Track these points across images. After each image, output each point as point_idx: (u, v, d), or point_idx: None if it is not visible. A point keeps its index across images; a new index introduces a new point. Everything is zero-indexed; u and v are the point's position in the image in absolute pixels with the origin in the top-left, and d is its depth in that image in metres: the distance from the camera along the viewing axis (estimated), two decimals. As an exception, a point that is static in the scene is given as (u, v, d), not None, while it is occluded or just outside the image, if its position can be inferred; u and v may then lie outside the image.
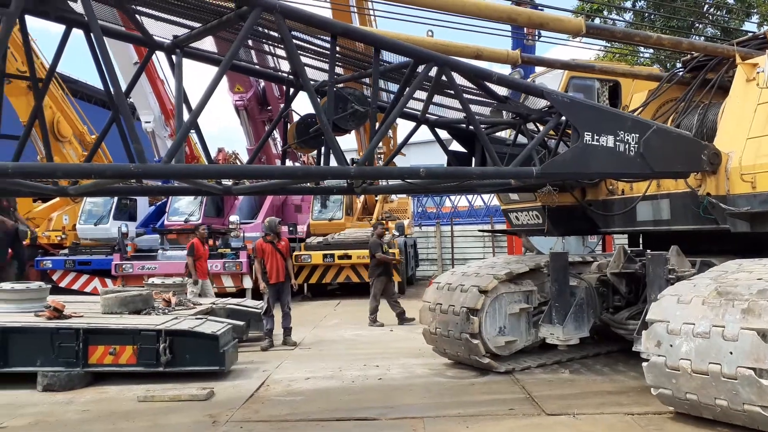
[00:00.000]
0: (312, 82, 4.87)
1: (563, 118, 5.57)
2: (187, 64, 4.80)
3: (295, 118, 5.46)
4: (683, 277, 5.64)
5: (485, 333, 6.74)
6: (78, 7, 4.41)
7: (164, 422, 5.73)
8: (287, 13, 4.30)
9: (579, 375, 6.93)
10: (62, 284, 15.28)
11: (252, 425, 5.58)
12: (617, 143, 5.59)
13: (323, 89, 5.00)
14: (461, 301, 6.76)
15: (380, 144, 17.98)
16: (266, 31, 4.84)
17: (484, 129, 6.46)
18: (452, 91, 6.19)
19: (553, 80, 7.18)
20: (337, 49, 5.12)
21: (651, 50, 12.01)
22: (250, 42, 5.25)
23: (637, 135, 5.68)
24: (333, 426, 5.54)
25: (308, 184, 5.62)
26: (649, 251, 6.21)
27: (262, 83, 18.36)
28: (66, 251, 15.89)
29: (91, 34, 3.65)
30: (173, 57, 4.85)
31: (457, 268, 7.72)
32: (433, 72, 5.09)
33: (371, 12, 14.16)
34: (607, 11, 17.68)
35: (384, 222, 14.10)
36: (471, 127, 6.40)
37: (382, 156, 18.22)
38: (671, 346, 4.81)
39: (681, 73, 7.03)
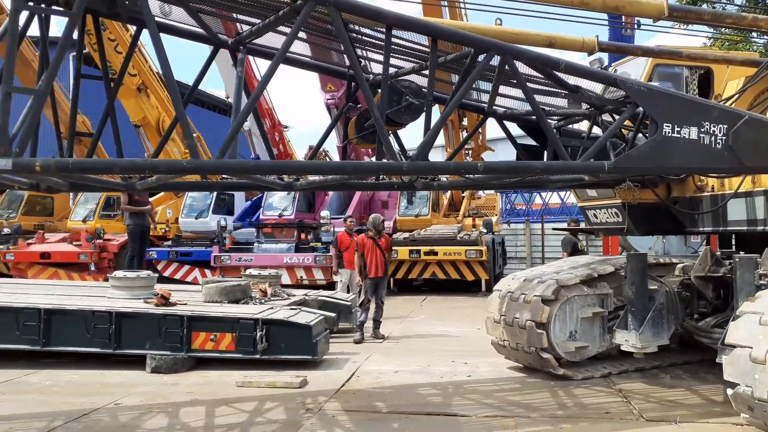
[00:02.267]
0: (372, 76, 4.87)
1: (639, 108, 5.20)
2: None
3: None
4: (777, 283, 5.07)
5: (554, 339, 6.42)
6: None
7: (261, 408, 5.97)
8: (341, 5, 4.32)
9: (680, 380, 6.57)
10: (166, 274, 16.35)
11: (343, 415, 5.73)
12: (701, 135, 5.12)
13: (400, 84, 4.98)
14: (525, 313, 6.45)
15: (470, 141, 17.87)
16: (325, 25, 4.88)
17: (558, 121, 6.21)
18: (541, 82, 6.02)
19: (637, 69, 6.71)
20: (400, 40, 5.10)
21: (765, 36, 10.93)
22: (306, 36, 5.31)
23: (726, 126, 5.18)
24: (422, 420, 5.58)
25: (370, 179, 5.62)
26: (738, 254, 5.65)
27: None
28: (169, 243, 17.02)
29: (149, 32, 3.83)
30: (238, 54, 5.03)
31: (519, 272, 7.35)
32: (496, 61, 4.93)
33: (462, 5, 13.95)
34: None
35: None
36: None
37: (471, 153, 17.95)
38: (756, 378, 4.31)
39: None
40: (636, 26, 11.61)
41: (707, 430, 5.10)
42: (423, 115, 4.74)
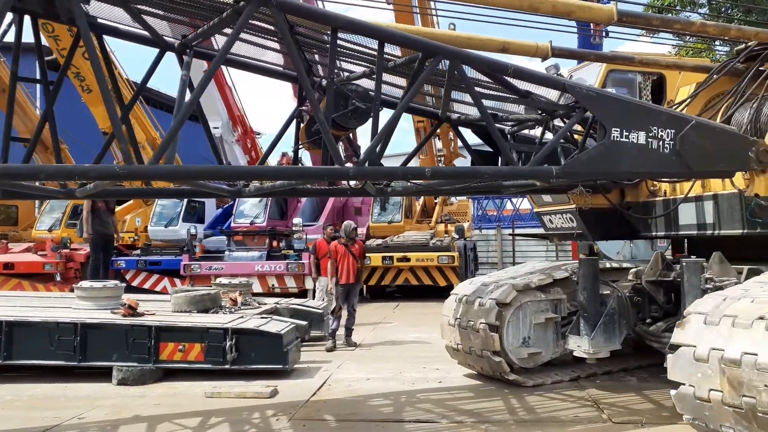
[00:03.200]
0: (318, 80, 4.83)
1: (589, 113, 5.23)
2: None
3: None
4: (721, 287, 5.11)
5: (507, 345, 6.39)
6: (92, 10, 4.62)
7: (231, 419, 5.89)
8: (284, 7, 4.26)
9: (644, 383, 6.60)
10: (134, 283, 16.10)
11: (314, 423, 5.69)
12: (649, 140, 5.16)
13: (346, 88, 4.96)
14: (480, 317, 6.41)
15: (441, 147, 17.91)
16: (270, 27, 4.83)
17: (512, 127, 6.23)
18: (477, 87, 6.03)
19: (592, 75, 6.77)
20: (348, 44, 5.07)
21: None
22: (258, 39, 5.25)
23: (673, 131, 5.23)
24: (394, 427, 5.56)
25: (322, 184, 5.56)
26: (684, 258, 5.70)
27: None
28: (138, 252, 16.77)
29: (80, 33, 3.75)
30: (184, 57, 4.96)
31: (478, 277, 7.36)
32: (446, 66, 4.93)
33: (434, 12, 14.03)
34: (680, 5, 16.51)
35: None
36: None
37: (443, 159, 17.99)
38: (699, 376, 4.32)
39: (733, 64, 6.40)
40: (604, 35, 11.80)
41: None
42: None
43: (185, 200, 16.99)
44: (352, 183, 5.18)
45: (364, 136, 5.73)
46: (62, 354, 7.29)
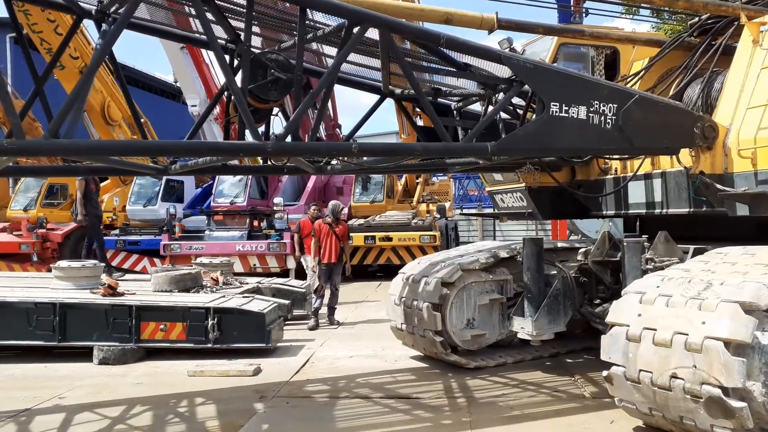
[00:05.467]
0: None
1: (526, 87, 5.01)
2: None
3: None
4: (662, 267, 4.93)
5: (450, 326, 6.25)
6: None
7: (214, 396, 5.87)
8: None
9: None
10: (113, 263, 15.96)
11: (298, 401, 5.70)
12: (590, 115, 4.92)
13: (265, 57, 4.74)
14: (424, 296, 6.27)
15: (424, 125, 17.71)
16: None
17: (457, 102, 6.03)
18: (425, 60, 5.82)
19: (546, 49, 6.53)
20: (270, 10, 4.86)
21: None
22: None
23: (616, 105, 4.99)
24: (377, 403, 5.57)
25: (257, 162, 5.39)
26: (625, 237, 5.52)
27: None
28: (117, 232, 16.65)
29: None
30: (103, 25, 4.75)
31: (424, 257, 7.21)
32: (375, 35, 4.71)
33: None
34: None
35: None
36: (439, 99, 6.03)
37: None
38: (630, 356, 4.17)
39: (684, 37, 6.15)
40: (585, 14, 11.53)
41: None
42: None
43: (164, 179, 16.82)
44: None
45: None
46: (41, 334, 7.29)
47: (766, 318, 3.74)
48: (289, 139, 4.41)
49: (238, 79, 4.42)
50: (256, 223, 16.29)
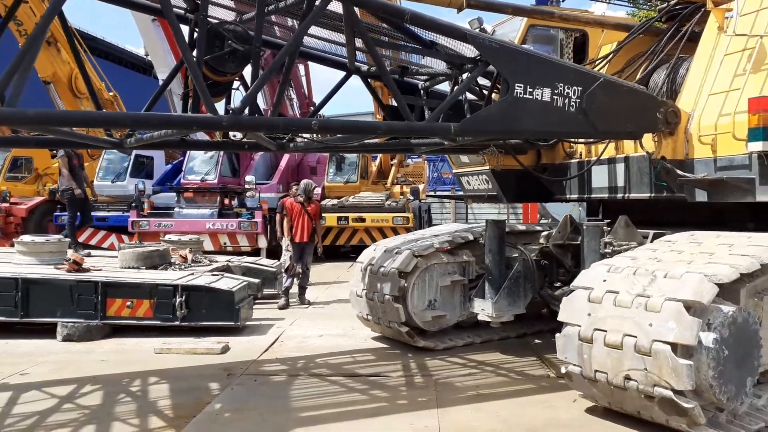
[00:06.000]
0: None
1: (491, 67, 4.95)
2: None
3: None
4: (620, 251, 4.96)
5: (411, 308, 6.24)
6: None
7: (180, 374, 5.81)
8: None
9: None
10: (80, 239, 15.65)
11: (266, 378, 5.67)
12: (555, 97, 4.89)
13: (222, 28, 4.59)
14: (384, 287, 6.24)
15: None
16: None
17: (425, 81, 5.95)
18: (391, 36, 5.72)
19: (517, 30, 6.46)
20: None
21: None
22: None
23: (580, 88, 4.97)
24: (346, 382, 5.56)
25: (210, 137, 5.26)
26: (586, 221, 5.54)
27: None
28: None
29: None
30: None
31: (381, 242, 7.17)
32: (340, 9, 4.60)
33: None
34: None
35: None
36: (407, 78, 5.94)
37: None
38: (585, 357, 4.20)
39: (652, 22, 6.13)
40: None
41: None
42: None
43: (133, 155, 16.51)
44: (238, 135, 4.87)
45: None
46: (3, 310, 7.16)
47: (708, 312, 3.77)
48: (247, 113, 4.30)
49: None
50: (226, 201, 16.15)
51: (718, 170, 4.93)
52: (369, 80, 5.91)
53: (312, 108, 20.45)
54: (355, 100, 53.11)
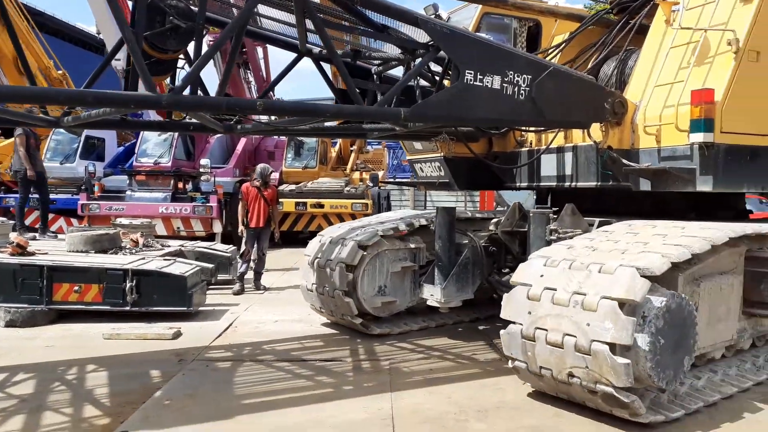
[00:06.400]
0: None
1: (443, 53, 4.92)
2: None
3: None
4: (565, 238, 5.03)
5: (361, 293, 6.23)
6: None
7: (130, 360, 5.68)
8: None
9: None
10: (26, 222, 15.10)
11: (218, 364, 5.58)
12: (505, 85, 4.89)
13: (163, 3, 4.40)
14: (333, 281, 6.21)
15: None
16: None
17: (378, 66, 5.88)
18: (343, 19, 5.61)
19: (470, 17, 6.45)
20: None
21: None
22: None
23: (530, 77, 4.98)
24: (299, 367, 5.51)
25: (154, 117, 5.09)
26: (533, 209, 5.61)
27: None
28: (31, 189, 15.67)
29: None
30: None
31: (326, 231, 7.16)
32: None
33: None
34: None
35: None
36: (360, 63, 5.86)
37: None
38: (528, 354, 4.26)
39: (602, 14, 6.21)
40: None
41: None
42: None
43: (83, 136, 15.97)
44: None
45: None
46: None
47: (642, 305, 3.85)
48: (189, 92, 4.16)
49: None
50: (180, 184, 15.79)
51: (662, 160, 5.04)
52: (321, 63, 5.79)
53: (272, 92, 20.21)
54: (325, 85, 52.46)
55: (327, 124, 6.05)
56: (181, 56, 4.91)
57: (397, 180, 15.46)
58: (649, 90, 5.23)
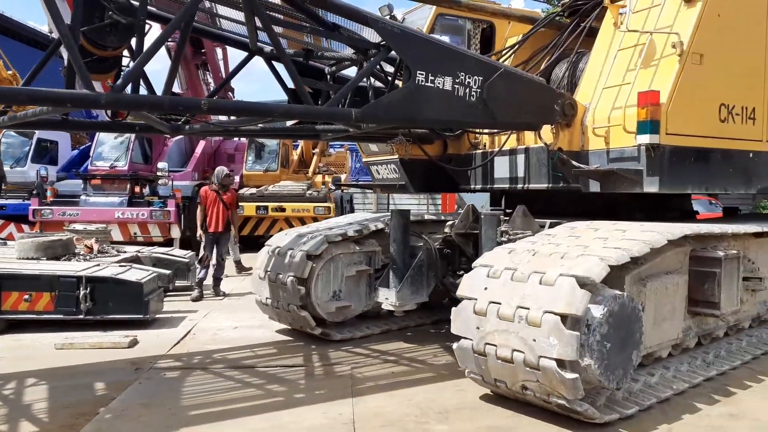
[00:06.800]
0: None
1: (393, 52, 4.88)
2: None
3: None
4: (515, 239, 5.05)
5: (315, 299, 6.15)
6: None
7: (84, 369, 5.52)
8: None
9: None
10: (-27, 230, 14.59)
11: (176, 372, 5.47)
12: (456, 86, 4.87)
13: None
14: (289, 270, 6.11)
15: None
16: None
17: (331, 66, 5.82)
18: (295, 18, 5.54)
19: (424, 18, 6.45)
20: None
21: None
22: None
23: (481, 78, 4.98)
24: (259, 373, 5.44)
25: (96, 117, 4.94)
26: (484, 210, 5.62)
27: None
28: (-24, 194, 15.16)
29: None
30: None
31: (293, 229, 7.06)
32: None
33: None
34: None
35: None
36: (313, 63, 5.79)
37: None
38: (477, 330, 4.24)
39: (554, 16, 6.28)
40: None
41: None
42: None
43: (35, 138, 15.48)
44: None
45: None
46: None
47: (585, 316, 3.86)
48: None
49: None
50: (137, 189, 15.40)
51: (610, 162, 5.10)
52: (273, 62, 5.71)
53: (231, 93, 19.93)
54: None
55: (280, 124, 5.96)
56: (126, 54, 4.78)
57: (358, 183, 15.41)
58: (598, 92, 5.29)
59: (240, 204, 15.36)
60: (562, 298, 3.85)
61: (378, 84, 5.82)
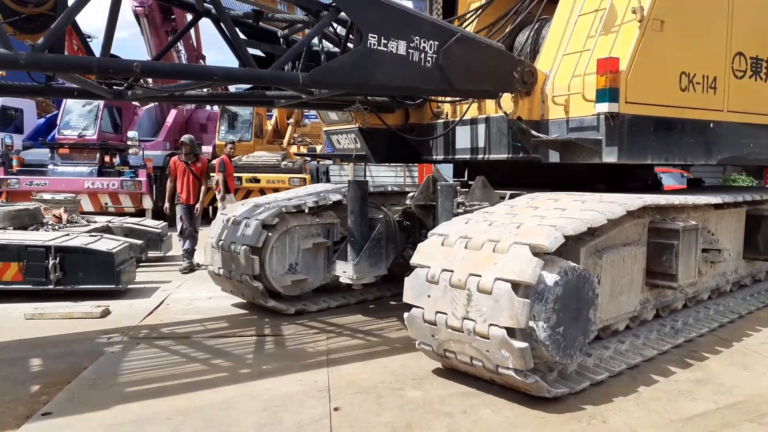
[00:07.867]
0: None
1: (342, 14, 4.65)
2: None
3: None
4: (472, 211, 4.90)
5: (270, 272, 5.98)
6: None
7: (55, 340, 5.40)
8: None
9: None
10: (-65, 200, 14.18)
11: (149, 341, 5.42)
12: (410, 51, 4.67)
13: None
14: (243, 239, 5.94)
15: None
16: None
17: (284, 29, 5.57)
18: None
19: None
20: None
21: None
22: None
23: (437, 43, 4.77)
24: (234, 342, 5.38)
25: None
26: (440, 182, 5.46)
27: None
28: (-60, 164, 14.72)
29: None
30: None
31: (253, 198, 6.85)
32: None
33: None
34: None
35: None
36: (264, 24, 5.54)
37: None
38: (429, 297, 4.12)
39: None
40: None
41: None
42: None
43: (-1, 106, 15.01)
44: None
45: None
46: None
47: (536, 298, 3.75)
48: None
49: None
50: (107, 158, 15.09)
51: (570, 131, 4.95)
52: (222, 24, 5.44)
53: (201, 60, 19.43)
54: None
55: (231, 89, 5.72)
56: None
57: (326, 153, 15.18)
58: (558, 59, 5.12)
59: (212, 174, 15.11)
60: (515, 266, 3.73)
61: (334, 49, 5.59)
